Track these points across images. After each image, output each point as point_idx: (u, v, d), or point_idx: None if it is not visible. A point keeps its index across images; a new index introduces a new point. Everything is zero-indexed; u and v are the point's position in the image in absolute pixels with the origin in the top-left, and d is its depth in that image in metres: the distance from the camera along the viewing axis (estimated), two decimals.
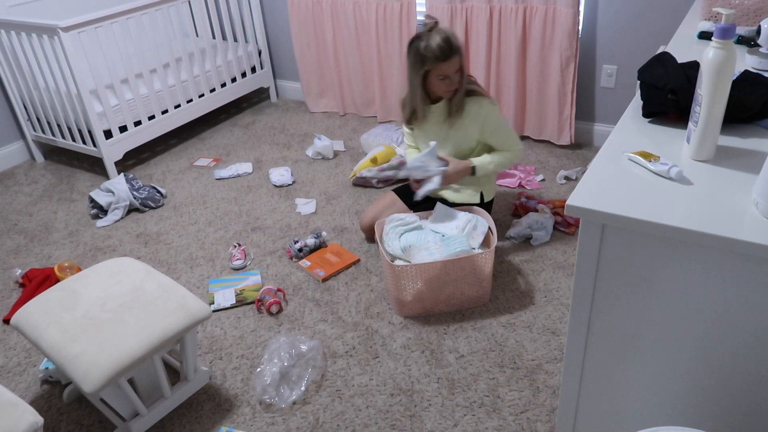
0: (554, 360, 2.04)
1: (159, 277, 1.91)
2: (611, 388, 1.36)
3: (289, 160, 3.52)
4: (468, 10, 3.27)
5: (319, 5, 3.74)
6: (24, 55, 3.25)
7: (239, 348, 2.19)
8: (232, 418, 1.92)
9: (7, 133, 3.64)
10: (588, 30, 3.16)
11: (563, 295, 2.32)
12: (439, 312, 2.28)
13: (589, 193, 1.17)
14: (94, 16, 3.11)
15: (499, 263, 2.51)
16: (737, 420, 1.25)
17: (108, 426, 1.93)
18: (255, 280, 2.51)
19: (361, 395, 1.97)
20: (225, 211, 3.05)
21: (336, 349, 2.16)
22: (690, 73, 1.42)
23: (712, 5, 2.07)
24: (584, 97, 3.35)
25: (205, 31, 3.80)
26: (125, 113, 3.37)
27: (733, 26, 1.14)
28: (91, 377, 1.58)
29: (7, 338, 2.32)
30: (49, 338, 1.69)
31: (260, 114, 4.19)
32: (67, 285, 1.88)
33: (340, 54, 3.85)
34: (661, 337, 1.22)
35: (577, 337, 1.32)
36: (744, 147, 1.30)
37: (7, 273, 2.71)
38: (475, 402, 1.91)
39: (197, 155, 3.66)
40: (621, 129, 1.42)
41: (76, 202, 3.24)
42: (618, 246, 1.16)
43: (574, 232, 2.67)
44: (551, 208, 2.76)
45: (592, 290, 1.24)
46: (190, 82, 3.69)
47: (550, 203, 2.81)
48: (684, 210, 1.10)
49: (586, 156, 3.31)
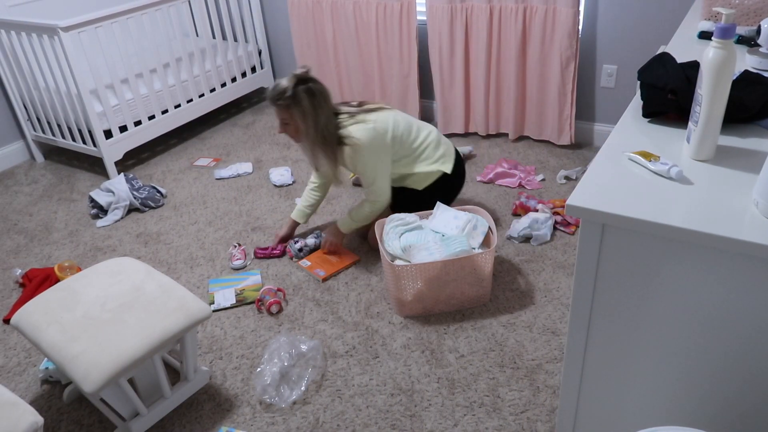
0: (554, 360, 2.04)
1: (159, 277, 1.91)
2: (611, 388, 1.36)
3: (289, 160, 3.52)
4: (468, 10, 3.27)
5: (319, 5, 3.74)
6: (24, 55, 3.25)
7: (239, 348, 2.19)
8: (232, 418, 1.92)
9: (7, 133, 3.64)
10: (588, 30, 3.16)
11: (563, 295, 2.32)
12: (439, 312, 2.28)
13: (589, 192, 1.17)
14: (94, 16, 3.11)
15: (499, 263, 2.51)
16: (737, 420, 1.25)
17: (108, 426, 1.93)
18: (255, 280, 2.51)
19: (361, 395, 1.97)
20: (225, 211, 3.05)
21: (336, 349, 2.16)
22: (690, 73, 1.42)
23: (712, 5, 2.07)
24: (584, 97, 3.35)
25: (205, 30, 3.80)
26: (125, 113, 3.37)
27: (733, 26, 1.14)
28: (91, 377, 1.58)
29: (7, 338, 2.32)
30: (49, 338, 1.69)
31: (260, 114, 4.20)
32: (67, 285, 1.88)
33: (340, 54, 3.85)
34: (661, 337, 1.22)
35: (577, 336, 1.32)
36: (744, 147, 1.30)
37: (7, 273, 2.71)
38: (475, 402, 1.91)
39: (197, 155, 3.66)
40: (621, 129, 1.42)
41: (76, 202, 3.24)
42: (618, 246, 1.16)
43: (574, 232, 2.67)
44: (551, 208, 2.76)
45: (592, 290, 1.24)
46: (190, 82, 3.69)
47: (550, 203, 2.81)
48: (684, 210, 1.10)
49: (586, 156, 3.31)
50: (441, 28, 3.35)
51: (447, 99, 3.57)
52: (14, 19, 3.11)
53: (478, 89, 3.44)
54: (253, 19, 4.09)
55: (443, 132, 3.64)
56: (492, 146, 3.49)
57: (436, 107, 3.78)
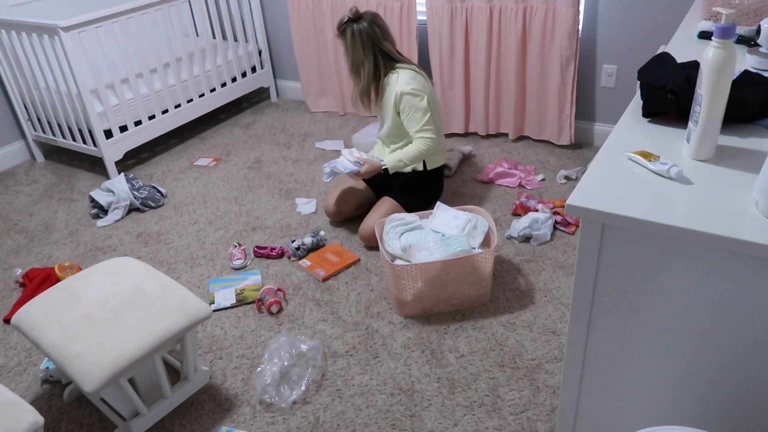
0: (554, 360, 2.04)
1: (159, 277, 1.91)
2: (611, 387, 1.36)
3: (289, 159, 3.52)
4: (468, 9, 3.27)
5: (319, 5, 3.74)
6: (24, 54, 3.25)
7: (239, 348, 2.20)
8: (233, 418, 1.92)
9: (7, 133, 3.64)
10: (588, 30, 3.16)
11: (563, 295, 2.32)
12: (439, 311, 2.28)
13: (589, 192, 1.17)
14: (94, 16, 3.11)
15: (499, 263, 2.51)
16: (737, 420, 1.25)
17: (108, 425, 1.93)
18: (255, 279, 2.51)
19: (362, 395, 1.97)
20: (225, 211, 3.05)
21: (336, 349, 2.16)
22: (690, 72, 1.42)
23: (712, 5, 2.07)
24: (584, 97, 3.35)
25: (206, 30, 3.80)
26: (125, 113, 3.37)
27: (733, 26, 1.14)
28: (91, 377, 1.58)
29: (8, 338, 2.32)
30: (49, 338, 1.69)
31: (260, 114, 4.20)
32: (68, 285, 1.89)
33: (340, 53, 3.85)
34: (661, 337, 1.22)
35: (577, 336, 1.33)
36: (744, 146, 1.31)
37: (8, 273, 2.71)
38: (475, 402, 1.91)
39: (197, 155, 3.66)
40: (621, 129, 1.42)
41: (77, 201, 3.25)
42: (618, 246, 1.16)
43: (574, 231, 2.67)
44: (551, 208, 2.76)
45: (592, 290, 1.24)
46: (190, 82, 3.69)
47: (550, 203, 2.82)
48: (684, 209, 1.10)
49: (586, 156, 3.32)
50: (441, 28, 3.35)
51: (447, 99, 3.57)
52: (14, 18, 3.11)
53: (478, 89, 3.44)
54: (253, 18, 4.10)
55: (443, 132, 3.64)
56: (492, 146, 3.50)
57: None
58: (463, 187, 3.08)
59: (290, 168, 3.42)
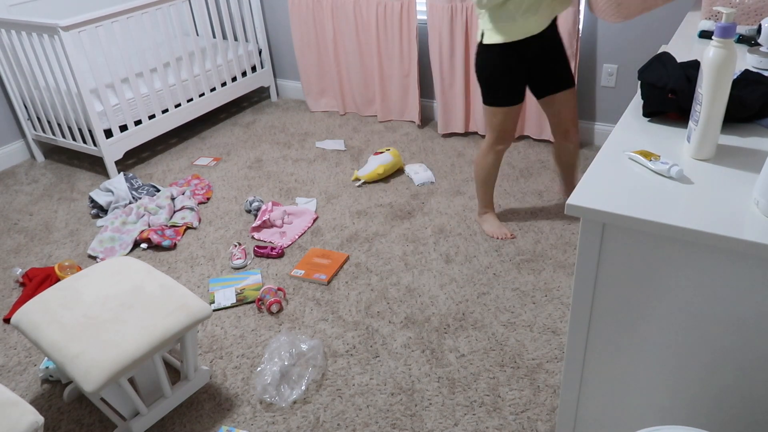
0: (555, 359, 2.04)
1: (159, 277, 1.91)
2: (612, 387, 1.36)
3: (289, 159, 3.52)
4: (468, 9, 3.26)
5: (319, 4, 3.74)
6: (24, 54, 3.25)
7: (240, 347, 2.20)
8: (233, 417, 1.92)
9: (7, 133, 3.64)
10: (588, 29, 3.16)
11: (564, 295, 2.32)
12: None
13: (589, 192, 1.17)
14: (94, 16, 3.11)
15: (499, 263, 2.51)
16: (738, 420, 1.25)
17: (108, 425, 1.93)
18: (255, 279, 2.51)
19: (362, 394, 1.97)
20: (225, 211, 3.05)
21: (336, 349, 2.16)
22: (690, 72, 1.42)
23: (712, 4, 2.07)
24: (585, 97, 3.35)
25: (206, 30, 3.80)
26: (125, 112, 3.37)
27: (734, 25, 1.14)
28: (91, 376, 1.58)
29: (8, 337, 2.32)
30: (49, 337, 1.69)
31: (260, 113, 4.20)
32: (68, 284, 1.89)
33: (340, 53, 3.85)
34: (661, 337, 1.22)
35: (577, 336, 1.32)
36: (744, 146, 1.30)
37: (8, 272, 2.71)
38: (475, 401, 1.91)
39: (197, 154, 3.66)
40: (621, 128, 1.42)
41: (77, 201, 3.25)
42: (618, 245, 1.16)
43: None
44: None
45: (592, 289, 1.24)
46: (190, 81, 3.69)
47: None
48: (684, 209, 1.10)
49: (587, 155, 3.31)
50: (441, 28, 3.35)
51: (447, 98, 3.57)
52: (14, 18, 3.11)
53: (478, 89, 3.43)
54: (253, 18, 4.09)
55: (443, 131, 3.64)
56: None
57: (436, 107, 3.78)
58: (463, 187, 3.09)
59: (290, 167, 3.42)
